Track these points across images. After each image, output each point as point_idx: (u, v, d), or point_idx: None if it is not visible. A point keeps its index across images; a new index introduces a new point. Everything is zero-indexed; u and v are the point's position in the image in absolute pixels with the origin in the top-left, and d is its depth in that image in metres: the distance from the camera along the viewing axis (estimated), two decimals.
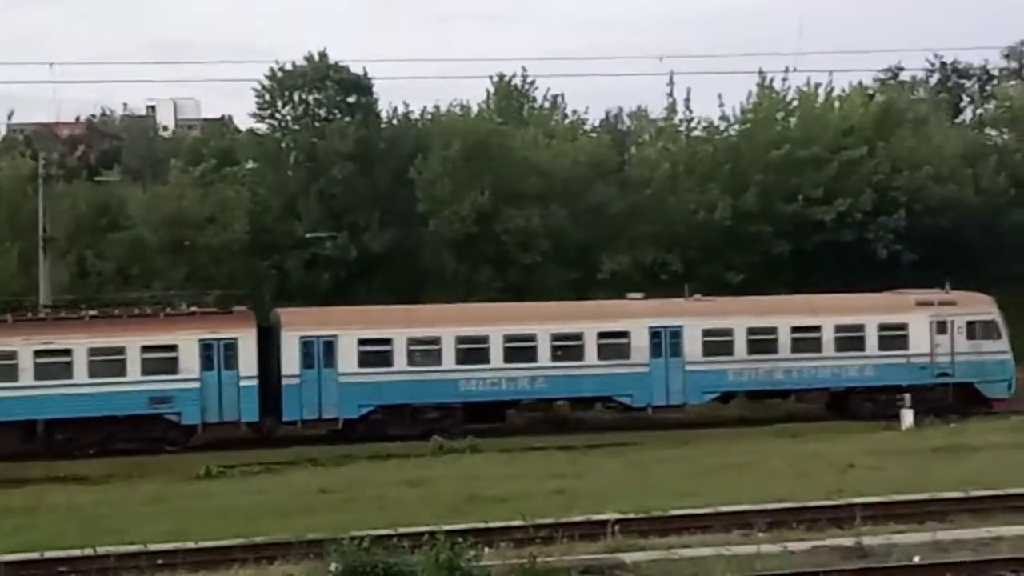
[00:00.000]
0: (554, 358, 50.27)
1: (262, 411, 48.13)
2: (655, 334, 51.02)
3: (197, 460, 44.47)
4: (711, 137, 66.42)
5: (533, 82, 70.41)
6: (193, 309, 50.08)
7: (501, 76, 69.87)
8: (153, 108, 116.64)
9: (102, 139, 77.80)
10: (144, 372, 47.05)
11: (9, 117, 79.69)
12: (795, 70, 66.39)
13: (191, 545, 27.55)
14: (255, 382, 47.81)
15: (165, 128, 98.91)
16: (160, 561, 26.02)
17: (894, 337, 52.56)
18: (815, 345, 52.01)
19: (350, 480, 39.41)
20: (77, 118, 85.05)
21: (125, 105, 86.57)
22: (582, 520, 29.05)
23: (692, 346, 51.25)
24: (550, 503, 33.00)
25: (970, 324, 53.01)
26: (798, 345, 51.86)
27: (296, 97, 63.35)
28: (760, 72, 66.47)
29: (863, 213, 61.93)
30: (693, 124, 66.76)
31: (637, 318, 51.28)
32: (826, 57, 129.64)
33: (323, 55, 63.16)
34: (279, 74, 63.05)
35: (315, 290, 59.04)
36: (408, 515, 30.88)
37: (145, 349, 47.13)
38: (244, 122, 72.68)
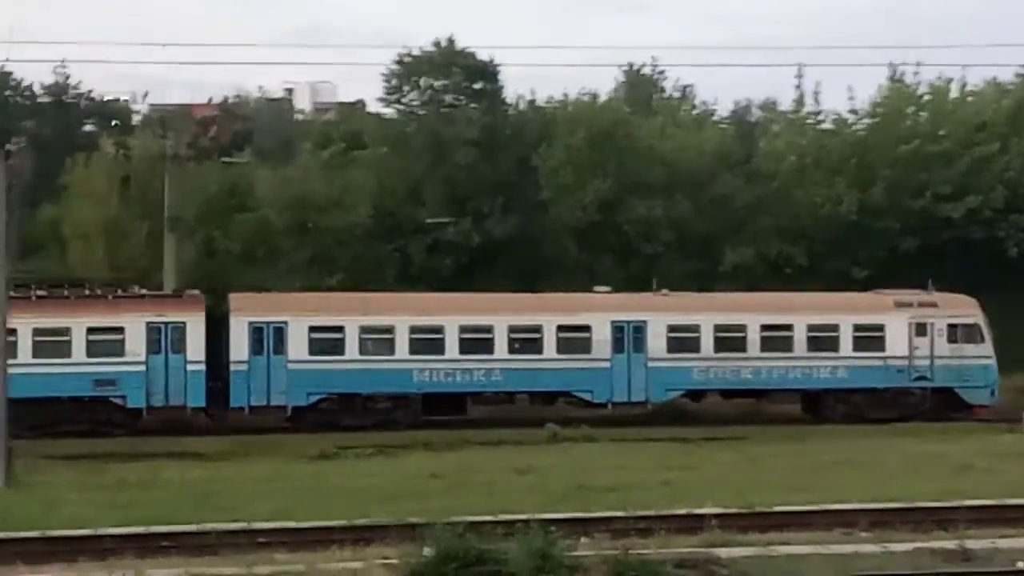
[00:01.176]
0: (511, 351, 49.49)
1: (210, 397, 47.63)
2: (618, 328, 50.13)
3: (314, 441, 45.02)
4: (839, 130, 65.64)
5: (663, 72, 70.39)
6: (142, 292, 49.64)
7: (631, 65, 69.89)
8: (291, 91, 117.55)
9: (235, 121, 78.45)
10: (89, 354, 46.54)
11: (144, 98, 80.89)
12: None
13: (292, 525, 27.85)
14: (202, 367, 47.26)
15: (302, 111, 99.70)
16: (261, 539, 26.32)
17: (870, 338, 51.21)
18: (786, 344, 50.83)
19: (462, 465, 39.54)
20: (210, 99, 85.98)
21: (260, 88, 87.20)
22: (682, 513, 28.92)
23: (656, 342, 50.28)
24: (657, 494, 32.93)
25: (951, 327, 51.54)
26: (768, 344, 50.73)
27: (422, 83, 63.73)
28: (891, 65, 65.64)
29: (994, 211, 60.85)
30: (821, 117, 66.11)
31: (599, 312, 50.39)
32: (959, 51, 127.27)
33: (450, 41, 63.50)
34: (406, 60, 63.48)
35: (437, 275, 59.36)
36: (514, 502, 30.91)
37: (91, 331, 46.66)
38: (376, 107, 73.37)
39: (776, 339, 50.73)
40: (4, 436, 36.33)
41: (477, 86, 63.41)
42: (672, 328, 50.35)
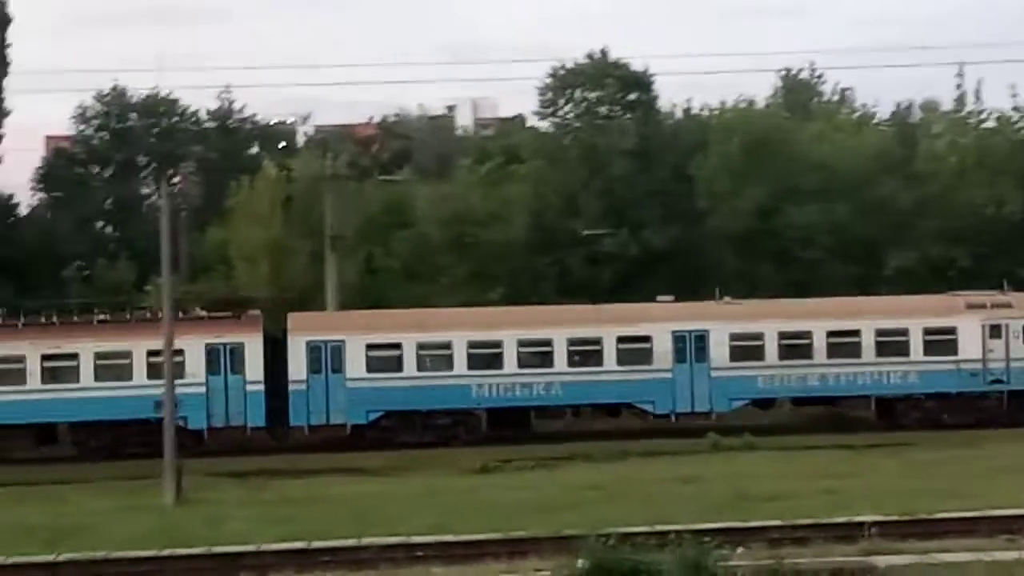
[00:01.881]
0: (571, 364, 49.03)
1: (270, 417, 47.61)
2: (679, 338, 49.45)
3: (476, 455, 45.32)
4: (1003, 129, 64.33)
5: (821, 76, 69.77)
6: (201, 313, 49.81)
7: (787, 70, 69.39)
8: (452, 108, 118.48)
9: (395, 139, 79.38)
10: (150, 377, 46.31)
11: (305, 120, 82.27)
12: None
13: (449, 538, 28.11)
14: (262, 387, 47.38)
15: (463, 127, 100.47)
16: (419, 553, 26.62)
17: (941, 342, 49.87)
18: (854, 350, 49.76)
19: (622, 477, 39.57)
20: (370, 119, 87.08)
21: (420, 105, 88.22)
22: (840, 521, 28.60)
23: (718, 351, 49.49)
24: (818, 503, 32.60)
25: None
26: (835, 350, 49.67)
27: (577, 95, 63.92)
28: None
29: None
30: (984, 116, 64.87)
31: (659, 322, 49.70)
32: None
33: (604, 53, 63.65)
34: (561, 72, 63.75)
35: (596, 287, 59.41)
36: (673, 512, 30.83)
37: (151, 354, 46.25)
38: (533, 121, 73.82)
39: (843, 345, 49.84)
40: (173, 455, 37.23)
41: (631, 96, 63.49)
42: (735, 336, 49.66)
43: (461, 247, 59.94)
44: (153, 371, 45.92)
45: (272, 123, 79.14)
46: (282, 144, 75.52)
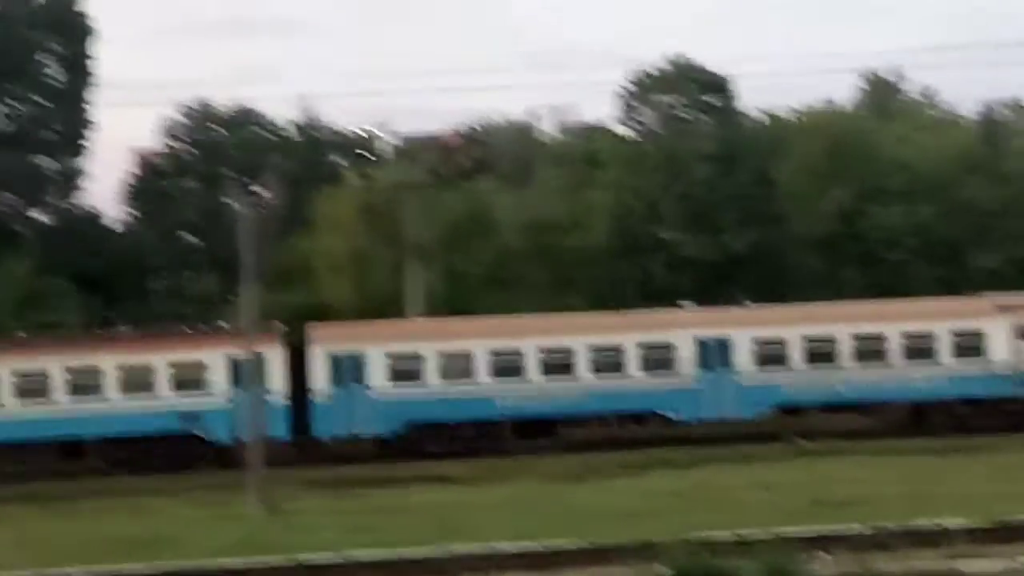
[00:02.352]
0: (594, 371, 48.53)
1: (295, 429, 47.28)
2: (702, 344, 48.93)
3: (559, 463, 45.36)
4: None
5: (904, 76, 69.33)
6: (223, 325, 49.76)
7: (871, 71, 69.00)
8: (533, 115, 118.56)
9: (476, 147, 79.71)
10: (173, 390, 46.86)
11: (387, 129, 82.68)
12: None
13: (534, 547, 28.18)
14: (284, 399, 47.19)
15: (545, 134, 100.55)
16: (503, 562, 26.71)
17: (970, 345, 49.05)
18: (880, 354, 49.04)
19: (703, 483, 39.44)
20: (452, 127, 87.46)
21: (502, 113, 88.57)
22: (924, 526, 28.36)
23: (742, 357, 48.93)
24: (900, 508, 32.26)
25: None
26: (861, 354, 48.97)
27: (657, 100, 63.89)
28: None
29: None
30: None
31: (682, 328, 49.20)
32: None
33: (684, 57, 63.60)
34: (641, 78, 63.75)
35: (678, 292, 59.26)
36: (753, 519, 30.72)
37: (173, 366, 46.97)
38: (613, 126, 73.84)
39: (869, 349, 49.20)
40: (259, 465, 37.58)
41: (711, 100, 63.29)
42: (759, 342, 49.13)
43: (542, 254, 60.09)
44: (177, 385, 46.49)
45: (354, 132, 79.72)
46: (361, 152, 76.05)
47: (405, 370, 48.02)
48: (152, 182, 74.08)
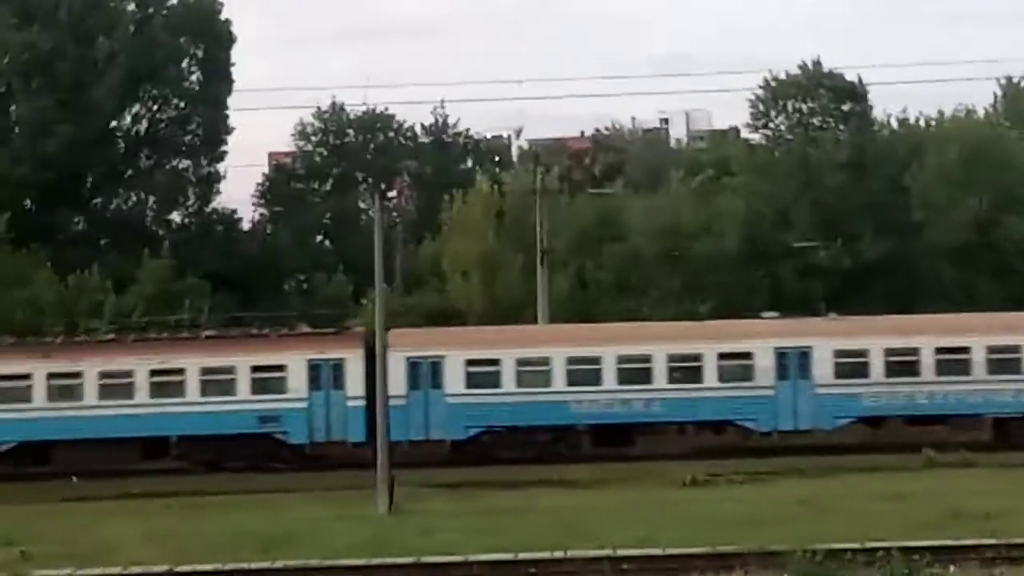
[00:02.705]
0: (671, 380, 47.88)
1: (369, 431, 46.69)
2: (781, 355, 47.97)
3: (685, 468, 45.16)
4: None
5: None
6: (304, 330, 50.05)
7: (1009, 79, 67.90)
8: (666, 120, 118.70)
9: (607, 152, 79.87)
10: (254, 392, 47.13)
11: (518, 134, 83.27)
12: None
13: (656, 552, 28.13)
14: (363, 402, 46.98)
15: (677, 141, 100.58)
16: (624, 566, 26.73)
17: None
18: (964, 367, 47.73)
19: (832, 492, 39.02)
20: (583, 132, 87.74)
21: (633, 119, 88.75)
22: None
23: (822, 368, 47.93)
24: None
25: None
26: (944, 367, 47.71)
27: (789, 106, 63.49)
28: None
29: None
30: None
31: (761, 338, 48.29)
32: None
33: (816, 63, 63.16)
34: (772, 84, 63.40)
35: (809, 299, 58.81)
36: (881, 529, 30.37)
37: (255, 369, 47.21)
38: (745, 133, 73.55)
39: (952, 362, 48.08)
40: (387, 466, 37.90)
41: (845, 107, 62.80)
42: (839, 353, 48.20)
43: (673, 260, 59.94)
44: (257, 386, 47.12)
45: (486, 137, 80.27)
46: (496, 158, 76.56)
47: (482, 374, 48.17)
48: (286, 185, 75.20)
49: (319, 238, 74.40)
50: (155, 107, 68.40)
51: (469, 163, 75.77)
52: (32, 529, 35.49)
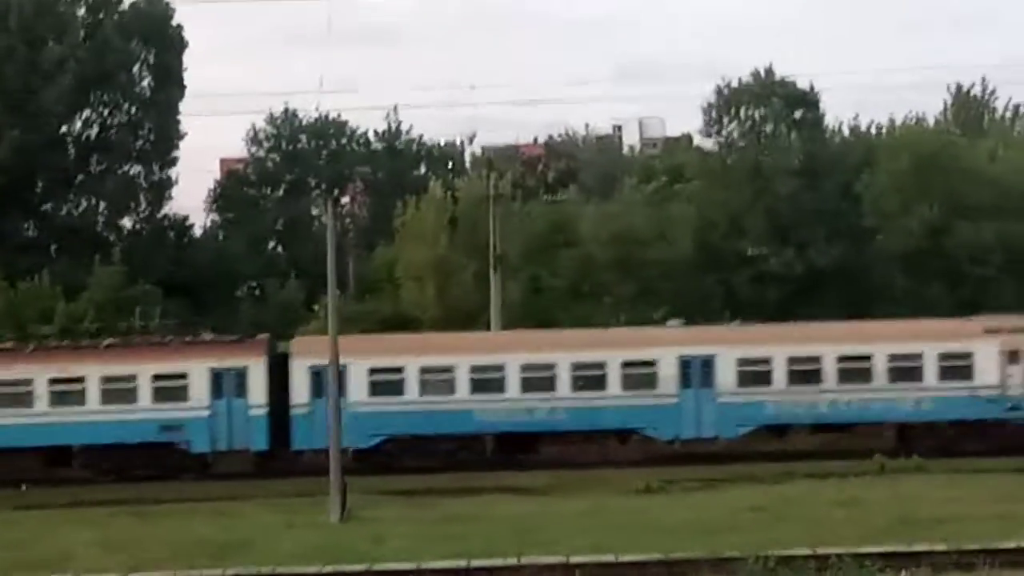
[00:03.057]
0: (575, 388, 47.63)
1: (273, 440, 47.06)
2: (685, 363, 47.94)
3: (639, 475, 45.15)
4: None
5: (993, 92, 68.60)
6: (206, 338, 49.85)
7: (959, 87, 68.36)
8: (619, 128, 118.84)
9: (560, 159, 79.92)
10: (155, 400, 46.68)
11: (471, 140, 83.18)
12: None
13: (610, 559, 28.13)
14: (265, 411, 46.94)
15: (630, 148, 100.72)
16: (578, 573, 26.71)
17: (957, 367, 47.70)
18: (865, 375, 47.86)
19: (785, 498, 39.09)
20: (535, 139, 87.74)
21: (587, 125, 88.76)
22: (1011, 547, 27.98)
23: (725, 376, 47.84)
24: (988, 528, 31.88)
25: None
26: (846, 375, 47.80)
27: (742, 113, 63.70)
28: None
29: None
30: None
31: (664, 346, 48.22)
32: None
33: (768, 71, 63.35)
34: (725, 91, 63.58)
35: (762, 306, 59.01)
36: (834, 535, 30.52)
37: (156, 377, 46.74)
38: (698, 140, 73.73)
39: (855, 370, 48.07)
40: (339, 474, 37.76)
41: (797, 114, 62.99)
42: (743, 361, 48.02)
43: (626, 266, 60.00)
44: (159, 395, 46.68)
45: (439, 143, 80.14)
46: (449, 164, 76.48)
47: (385, 383, 47.79)
48: (238, 191, 74.88)
49: (271, 244, 74.12)
50: (106, 112, 67.91)
51: (422, 169, 75.64)
52: None
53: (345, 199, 76.30)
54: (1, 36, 63.03)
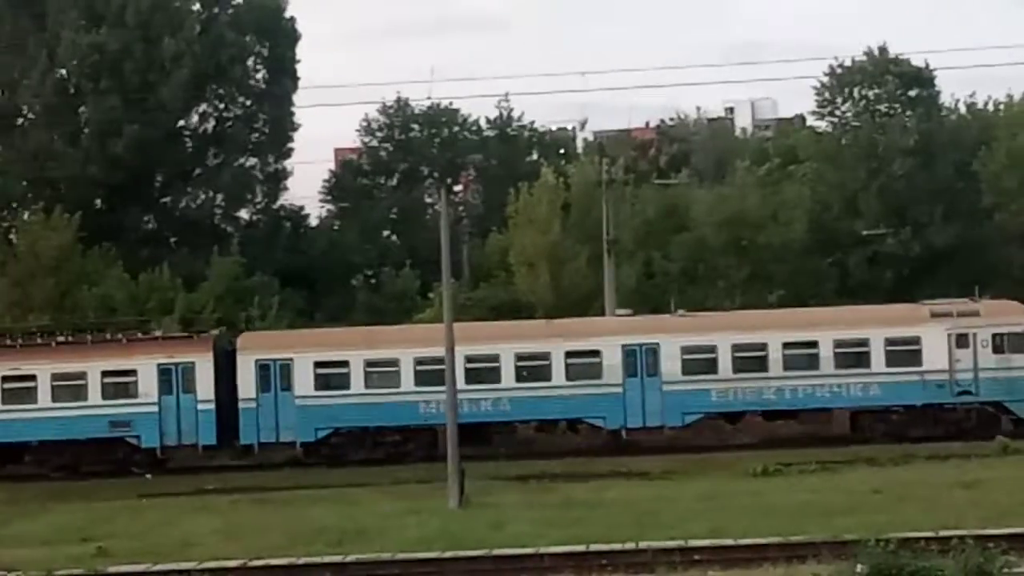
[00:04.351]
0: (519, 379, 47.46)
1: (221, 435, 47.25)
2: (629, 352, 47.50)
3: (756, 458, 44.97)
4: None
5: None
6: (155, 335, 49.94)
7: None
8: (731, 110, 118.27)
9: (672, 143, 79.62)
10: (105, 396, 47.13)
11: (583, 126, 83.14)
12: None
13: (728, 542, 28.12)
14: (212, 406, 47.16)
15: (743, 130, 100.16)
16: (696, 557, 26.74)
17: (904, 352, 47.08)
18: (811, 362, 47.35)
19: (905, 480, 38.84)
20: (647, 123, 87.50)
21: (699, 109, 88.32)
22: None
23: (670, 365, 47.44)
24: None
25: (997, 336, 46.86)
26: (791, 362, 47.32)
27: (856, 93, 63.12)
28: None
29: None
30: None
31: (608, 335, 47.93)
32: None
33: (883, 49, 62.73)
34: (839, 71, 63.04)
35: (877, 287, 58.52)
36: (956, 517, 30.25)
37: (105, 374, 47.17)
38: (812, 121, 73.14)
39: (800, 357, 47.73)
40: (456, 460, 38.02)
41: (912, 93, 62.33)
42: (687, 350, 47.80)
43: (739, 250, 59.75)
44: (108, 391, 47.32)
45: (550, 130, 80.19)
46: (561, 151, 76.50)
47: (330, 376, 48.08)
48: (352, 180, 75.50)
49: (386, 233, 74.62)
50: (222, 106, 68.77)
51: (534, 156, 75.70)
52: (110, 525, 36.01)
53: (458, 187, 76.65)
54: (119, 33, 63.99)
